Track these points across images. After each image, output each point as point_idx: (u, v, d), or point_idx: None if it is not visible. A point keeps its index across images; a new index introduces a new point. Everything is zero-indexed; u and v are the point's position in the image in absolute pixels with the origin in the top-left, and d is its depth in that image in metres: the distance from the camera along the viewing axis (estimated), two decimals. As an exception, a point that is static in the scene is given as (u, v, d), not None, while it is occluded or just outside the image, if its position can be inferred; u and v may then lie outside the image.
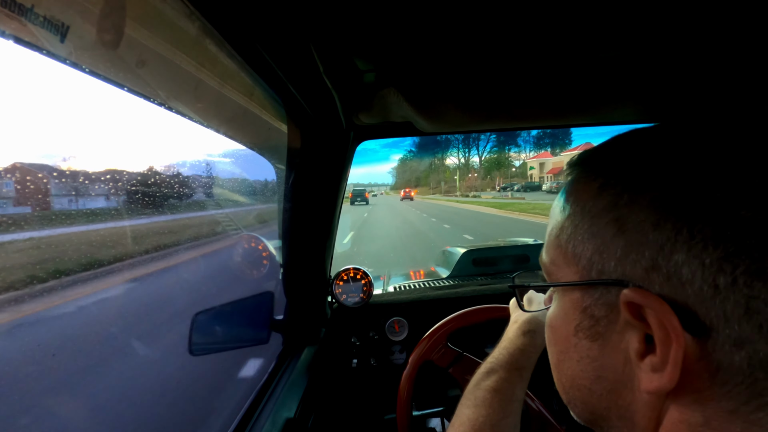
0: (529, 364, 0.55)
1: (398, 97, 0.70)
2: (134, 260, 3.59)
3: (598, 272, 0.26)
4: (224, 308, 0.93)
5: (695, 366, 0.22)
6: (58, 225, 2.63)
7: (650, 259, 0.23)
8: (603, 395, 0.27)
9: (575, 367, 0.29)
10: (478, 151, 72.66)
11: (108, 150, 3.78)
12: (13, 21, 0.33)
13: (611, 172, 0.27)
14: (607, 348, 0.26)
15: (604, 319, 0.26)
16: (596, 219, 0.26)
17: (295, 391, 0.85)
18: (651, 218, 0.23)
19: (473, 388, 0.52)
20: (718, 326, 0.20)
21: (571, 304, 0.28)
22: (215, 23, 0.42)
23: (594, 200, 0.27)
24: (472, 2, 0.45)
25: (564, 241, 0.29)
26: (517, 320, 0.62)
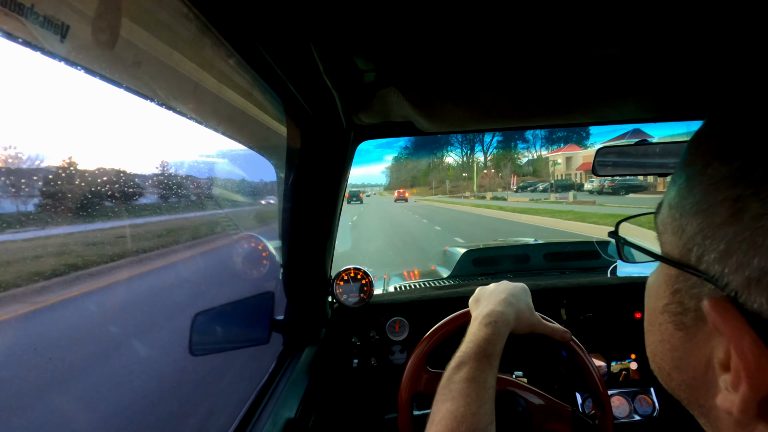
0: (496, 351, 0.56)
1: (398, 97, 0.70)
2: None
3: (698, 258, 0.21)
4: (224, 308, 0.93)
5: None
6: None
7: (758, 270, 0.17)
8: (682, 386, 0.25)
9: (657, 345, 0.26)
10: (482, 147, 68.47)
11: (108, 149, 3.77)
12: (13, 20, 0.33)
13: (754, 131, 0.20)
14: (691, 343, 0.23)
15: (693, 312, 0.22)
16: (711, 190, 0.20)
17: (295, 391, 0.85)
18: None
19: (446, 382, 0.52)
20: None
21: (665, 279, 0.25)
22: (215, 22, 0.42)
23: (719, 162, 0.20)
24: (473, 2, 0.45)
25: (674, 204, 0.24)
26: (478, 316, 0.62)
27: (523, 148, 63.03)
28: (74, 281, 2.94)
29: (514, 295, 0.67)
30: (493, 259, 1.56)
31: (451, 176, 70.93)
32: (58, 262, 2.87)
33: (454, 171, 74.31)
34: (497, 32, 0.53)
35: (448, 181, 66.33)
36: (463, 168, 73.49)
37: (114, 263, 3.53)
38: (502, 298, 0.65)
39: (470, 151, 71.78)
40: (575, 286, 1.20)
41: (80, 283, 2.98)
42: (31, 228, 2.43)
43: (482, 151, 70.24)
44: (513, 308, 0.64)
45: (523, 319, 0.65)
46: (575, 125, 0.97)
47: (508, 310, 0.62)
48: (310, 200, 0.93)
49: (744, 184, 0.18)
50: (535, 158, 58.68)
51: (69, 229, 2.84)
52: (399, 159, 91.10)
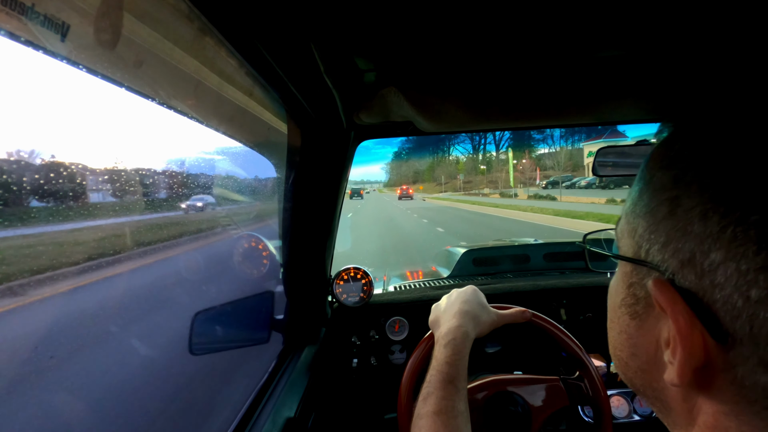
0: (459, 373, 0.55)
1: (399, 97, 0.70)
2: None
3: (646, 252, 0.24)
4: (224, 308, 0.93)
5: (720, 375, 0.21)
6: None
7: (689, 252, 0.21)
8: (637, 373, 0.28)
9: (616, 338, 0.30)
10: (494, 139, 59.74)
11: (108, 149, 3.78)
12: (13, 19, 0.33)
13: (691, 140, 0.24)
14: (642, 329, 0.26)
15: (644, 300, 0.25)
16: (656, 194, 0.24)
17: (295, 391, 0.85)
18: (700, 206, 0.21)
19: (416, 419, 0.51)
20: (743, 340, 0.19)
21: (622, 277, 0.28)
22: (216, 22, 0.42)
23: (662, 172, 0.24)
24: (473, 2, 0.45)
25: (629, 211, 0.27)
26: (438, 338, 0.62)
27: (539, 139, 53.88)
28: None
29: (467, 302, 0.66)
30: (492, 259, 1.56)
31: (462, 170, 63.59)
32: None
33: (465, 165, 66.12)
34: (497, 32, 0.54)
35: (461, 175, 56.98)
36: (477, 161, 64.59)
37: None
38: (456, 310, 0.64)
39: (482, 143, 63.22)
40: (575, 287, 1.20)
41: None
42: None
43: (494, 143, 61.42)
44: (468, 316, 0.63)
45: (482, 321, 0.64)
46: (575, 125, 0.97)
47: (463, 322, 0.62)
48: (310, 200, 0.93)
49: (678, 186, 0.22)
50: (557, 150, 50.24)
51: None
52: (400, 154, 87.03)
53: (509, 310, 0.71)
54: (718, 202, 0.20)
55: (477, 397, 0.69)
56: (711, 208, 0.20)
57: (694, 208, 0.21)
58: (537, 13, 0.48)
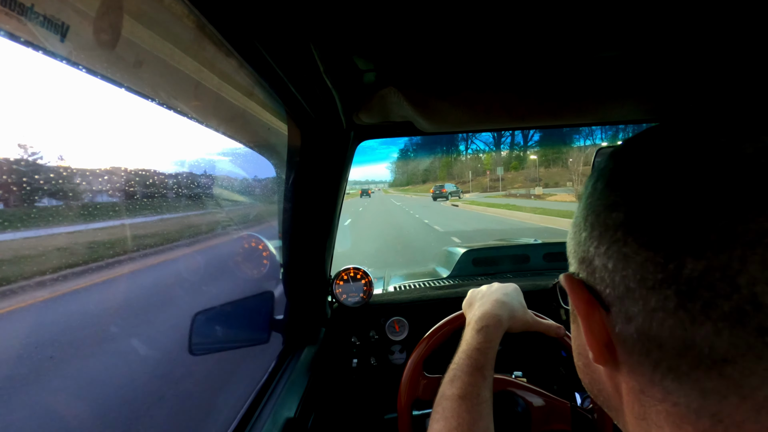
0: (488, 361, 0.56)
1: (398, 97, 0.70)
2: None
3: (569, 254, 0.30)
4: (224, 308, 0.93)
5: (612, 339, 0.25)
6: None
7: (583, 252, 0.27)
8: (583, 371, 0.31)
9: (574, 346, 0.32)
10: (523, 135, 53.68)
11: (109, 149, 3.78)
12: (13, 20, 0.33)
13: (601, 170, 0.28)
14: (578, 330, 0.29)
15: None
16: (580, 210, 0.29)
17: (295, 391, 0.85)
18: (592, 216, 0.26)
19: (440, 399, 0.51)
20: (614, 302, 0.24)
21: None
22: (216, 23, 0.42)
23: (586, 193, 0.29)
24: (473, 2, 0.45)
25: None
26: (471, 321, 0.62)
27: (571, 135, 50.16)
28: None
29: (507, 294, 0.67)
30: (492, 260, 1.56)
31: (489, 166, 55.83)
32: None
33: (489, 160, 57.39)
34: (497, 33, 0.54)
35: (500, 170, 44.99)
36: (501, 156, 56.69)
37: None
38: (494, 299, 0.65)
39: (505, 138, 56.19)
40: None
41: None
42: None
43: (522, 138, 53.37)
44: (506, 308, 0.63)
45: (517, 318, 0.64)
46: (575, 125, 0.97)
47: (500, 311, 0.62)
48: (310, 200, 0.94)
49: (590, 208, 0.27)
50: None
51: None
52: (407, 152, 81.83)
53: (546, 320, 0.70)
54: (597, 213, 0.26)
55: None
56: (596, 215, 0.26)
57: (588, 217, 0.27)
58: (537, 13, 0.48)
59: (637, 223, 0.23)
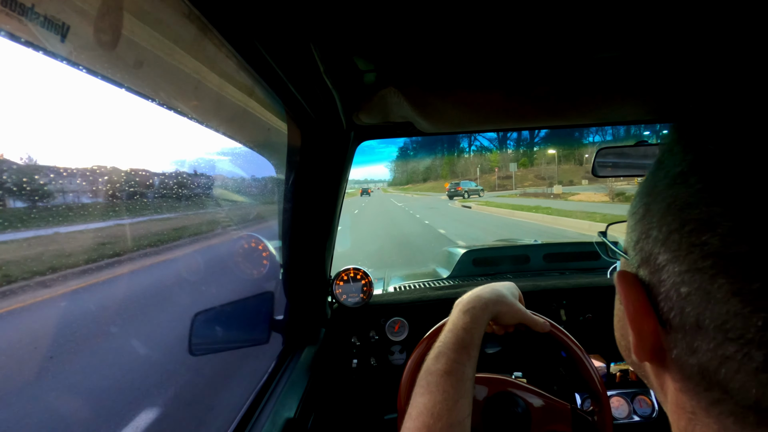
0: (474, 340, 0.56)
1: (398, 97, 0.70)
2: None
3: (628, 248, 0.28)
4: (224, 308, 0.93)
5: (668, 356, 0.24)
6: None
7: (647, 252, 0.24)
8: (626, 353, 0.30)
9: (617, 323, 0.32)
10: (530, 133, 48.31)
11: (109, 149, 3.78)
12: (13, 20, 0.33)
13: (669, 150, 0.25)
14: (625, 318, 0.28)
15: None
16: (638, 199, 0.27)
17: (295, 391, 0.85)
18: (659, 213, 0.23)
19: (425, 374, 0.51)
20: (676, 328, 0.22)
21: (621, 268, 0.31)
22: (216, 23, 0.42)
23: (645, 180, 0.27)
24: (473, 3, 0.45)
25: (631, 213, 0.30)
26: (459, 302, 0.63)
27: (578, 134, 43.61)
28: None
29: (503, 285, 0.67)
30: (492, 260, 1.56)
31: (497, 163, 52.37)
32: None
33: (497, 157, 53.70)
34: (497, 34, 0.54)
35: (513, 165, 39.12)
36: (508, 154, 52.87)
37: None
38: (488, 288, 0.66)
39: (510, 136, 52.41)
40: (575, 287, 1.20)
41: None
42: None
43: (529, 136, 49.21)
44: (494, 293, 0.64)
45: (505, 304, 0.64)
46: (575, 126, 0.97)
47: (489, 295, 0.63)
48: (310, 200, 0.94)
49: (653, 194, 0.25)
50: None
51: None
52: (406, 151, 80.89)
53: (536, 317, 0.70)
54: (670, 212, 0.23)
55: (478, 394, 0.69)
56: (666, 215, 0.23)
57: (655, 213, 0.24)
58: (536, 14, 0.48)
59: (738, 265, 0.18)
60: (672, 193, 0.23)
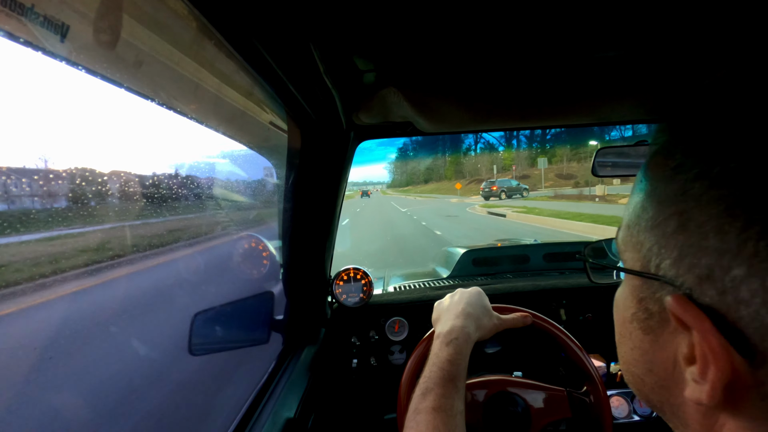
0: (460, 372, 0.55)
1: (398, 97, 0.70)
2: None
3: (656, 267, 0.24)
4: (224, 308, 0.93)
5: (748, 393, 0.20)
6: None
7: (706, 268, 0.20)
8: (654, 389, 0.27)
9: (629, 354, 0.28)
10: (542, 130, 42.36)
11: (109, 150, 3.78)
12: (13, 20, 0.33)
13: (693, 148, 0.22)
14: (658, 344, 0.25)
15: (658, 315, 0.25)
16: (661, 207, 0.23)
17: (295, 391, 0.85)
18: (715, 220, 0.20)
19: (413, 413, 0.50)
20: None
21: (631, 291, 0.27)
22: (215, 23, 0.42)
23: (664, 184, 0.23)
24: (473, 2, 0.45)
25: (632, 224, 0.26)
26: (439, 334, 0.61)
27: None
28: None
29: (471, 304, 0.66)
30: (492, 260, 1.56)
31: (511, 162, 46.86)
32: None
33: (511, 156, 48.90)
34: (497, 33, 0.54)
35: (542, 161, 31.33)
36: (516, 152, 47.49)
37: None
38: (459, 311, 0.64)
39: (517, 135, 48.51)
40: (575, 287, 1.20)
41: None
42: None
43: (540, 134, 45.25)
44: (472, 319, 0.63)
45: (484, 325, 0.64)
46: (574, 126, 0.97)
47: (467, 323, 0.62)
48: (310, 200, 0.94)
49: (687, 200, 0.21)
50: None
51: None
52: (405, 151, 78.35)
53: (511, 315, 0.70)
54: (734, 216, 0.19)
55: (478, 394, 0.69)
56: (726, 221, 0.19)
57: (707, 222, 0.20)
58: (536, 14, 0.48)
59: None
60: (724, 194, 0.19)
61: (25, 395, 1.85)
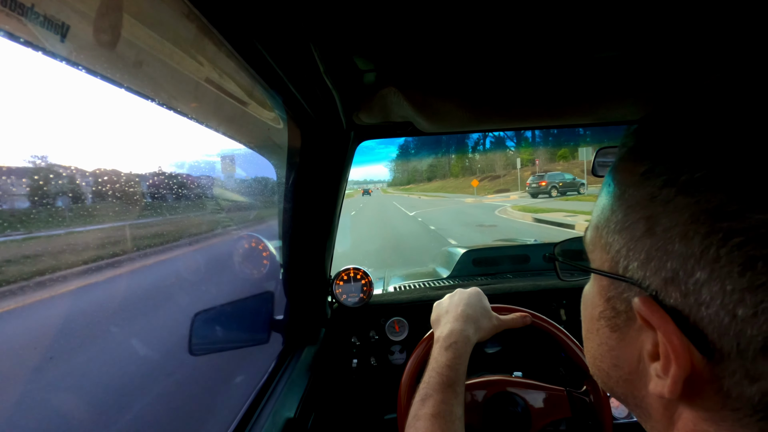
0: (459, 377, 0.55)
1: (398, 97, 0.70)
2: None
3: (624, 268, 0.25)
4: (224, 308, 0.93)
5: (706, 386, 0.21)
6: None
7: (671, 271, 0.21)
8: (619, 382, 0.28)
9: (596, 349, 0.30)
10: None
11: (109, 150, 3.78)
12: (13, 20, 0.33)
13: (660, 155, 0.23)
14: (624, 341, 0.26)
15: (624, 314, 0.26)
16: (630, 211, 0.24)
17: (295, 391, 0.85)
18: (681, 226, 0.21)
19: (413, 420, 0.50)
20: (731, 355, 0.20)
21: (599, 290, 0.28)
22: (216, 23, 0.42)
23: (634, 188, 0.24)
24: (473, 3, 0.45)
25: (600, 225, 0.27)
26: (438, 338, 0.61)
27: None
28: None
29: (470, 305, 0.66)
30: (492, 260, 1.56)
31: (528, 156, 42.34)
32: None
33: (528, 154, 43.31)
34: (497, 33, 0.54)
35: (584, 151, 19.74)
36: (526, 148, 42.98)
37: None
38: (459, 313, 0.64)
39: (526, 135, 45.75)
40: (575, 287, 1.20)
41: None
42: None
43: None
44: (471, 321, 0.63)
45: (483, 327, 0.64)
46: (574, 126, 0.97)
47: (466, 326, 0.62)
48: (310, 200, 0.94)
49: (654, 204, 0.22)
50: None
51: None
52: (407, 149, 74.84)
53: (510, 315, 0.71)
54: (699, 222, 0.20)
55: (478, 394, 0.69)
56: (692, 228, 0.20)
57: (673, 227, 0.21)
58: (536, 14, 0.48)
59: None
60: (690, 201, 0.20)
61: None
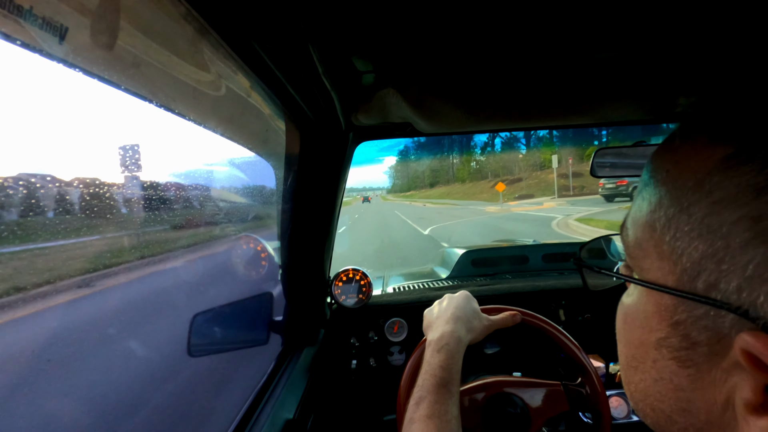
0: (453, 377, 0.55)
1: (397, 98, 0.70)
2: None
3: (708, 285, 0.18)
4: (223, 309, 0.93)
5: None
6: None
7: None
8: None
9: (651, 386, 0.23)
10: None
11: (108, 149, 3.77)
12: (11, 22, 0.33)
13: (756, 136, 0.18)
14: (702, 382, 0.20)
15: (705, 347, 0.19)
16: (719, 208, 0.18)
17: (294, 392, 0.85)
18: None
19: (408, 423, 0.50)
20: None
21: (656, 310, 0.22)
22: (214, 24, 0.42)
23: (718, 176, 0.18)
24: (472, 4, 0.45)
25: (659, 225, 0.21)
26: (431, 342, 0.61)
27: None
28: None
29: (459, 308, 0.66)
30: (491, 260, 1.56)
31: (549, 156, 38.21)
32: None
33: (551, 155, 34.05)
34: (496, 33, 0.54)
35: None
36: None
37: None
38: (449, 316, 0.65)
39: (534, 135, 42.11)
40: (574, 287, 1.20)
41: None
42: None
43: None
44: (461, 322, 0.63)
45: (474, 328, 0.65)
46: (574, 126, 0.97)
47: (457, 327, 0.62)
48: (309, 201, 0.93)
49: (761, 198, 0.16)
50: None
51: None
52: (407, 154, 72.52)
53: (500, 315, 0.71)
54: None
55: (476, 397, 0.69)
56: None
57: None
58: (536, 14, 0.48)
59: None
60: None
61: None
